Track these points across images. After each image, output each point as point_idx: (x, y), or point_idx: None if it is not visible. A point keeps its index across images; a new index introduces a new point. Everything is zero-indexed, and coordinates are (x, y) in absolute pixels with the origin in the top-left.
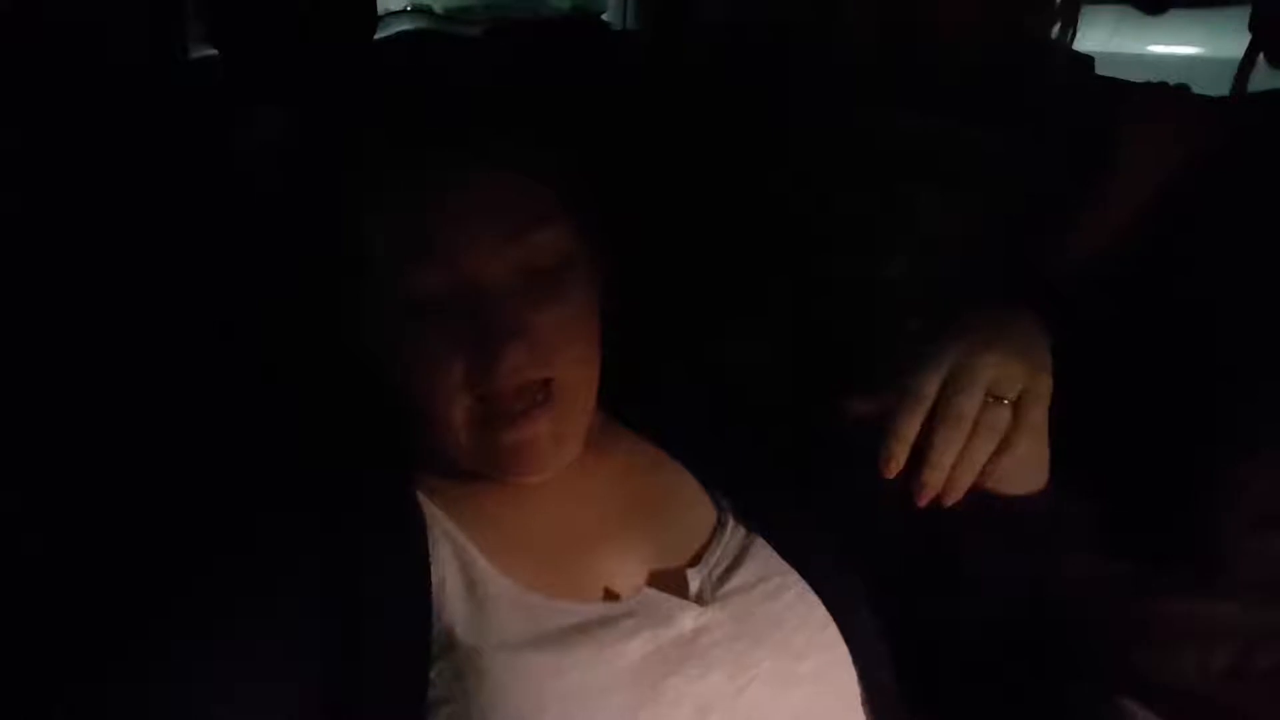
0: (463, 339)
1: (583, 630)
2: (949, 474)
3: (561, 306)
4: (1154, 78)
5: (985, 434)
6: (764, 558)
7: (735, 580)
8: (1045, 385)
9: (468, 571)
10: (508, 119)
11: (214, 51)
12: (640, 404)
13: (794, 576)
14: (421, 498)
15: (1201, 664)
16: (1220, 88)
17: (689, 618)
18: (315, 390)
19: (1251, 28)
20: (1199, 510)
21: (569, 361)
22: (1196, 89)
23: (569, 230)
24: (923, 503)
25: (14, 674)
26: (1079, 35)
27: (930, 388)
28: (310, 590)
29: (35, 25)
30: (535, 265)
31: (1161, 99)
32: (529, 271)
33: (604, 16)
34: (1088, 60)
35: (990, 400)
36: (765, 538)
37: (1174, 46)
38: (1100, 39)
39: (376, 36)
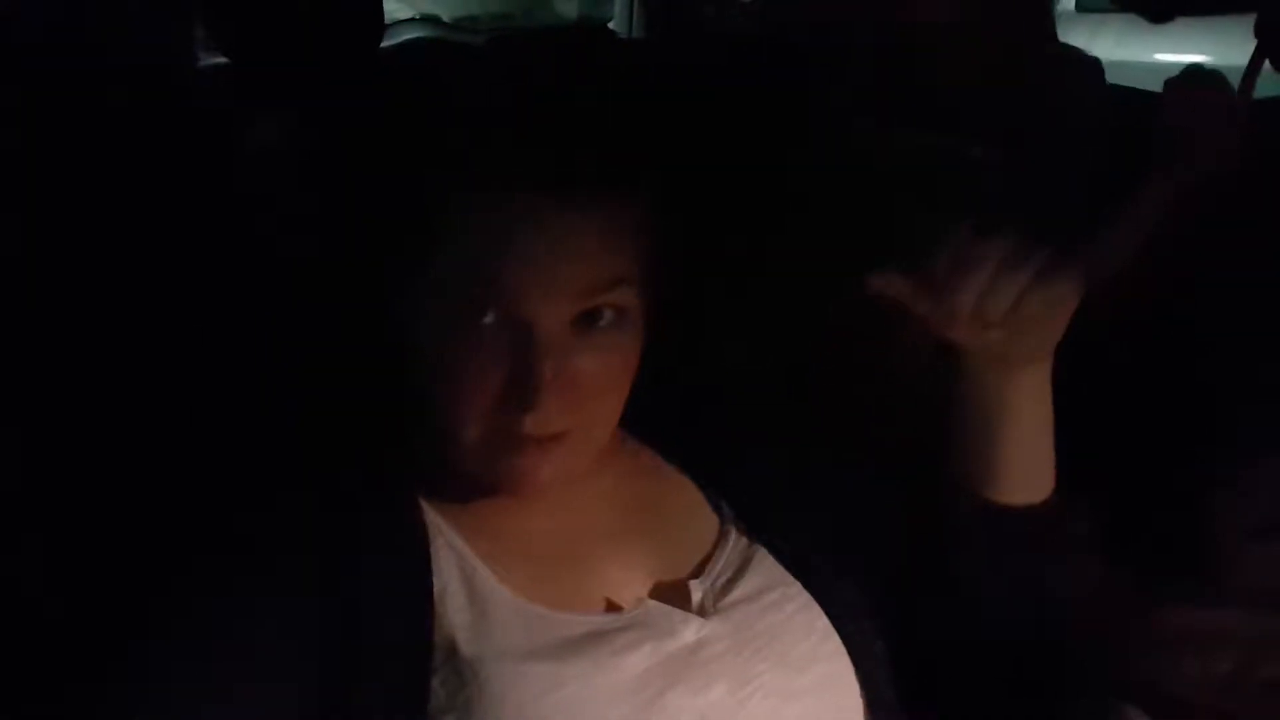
0: (502, 374)
1: (584, 642)
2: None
3: (607, 361)
4: (1160, 86)
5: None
6: (766, 568)
7: (737, 591)
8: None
9: (469, 580)
10: (626, 156)
11: (223, 59)
12: (643, 412)
13: (796, 587)
14: (424, 505)
15: (1204, 671)
16: None
17: (691, 630)
18: (321, 394)
19: (1257, 34)
20: (1201, 519)
21: (596, 413)
22: None
23: (635, 287)
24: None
25: (14, 674)
26: (1086, 44)
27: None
28: (309, 593)
29: (44, 33)
30: (594, 321)
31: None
32: (586, 326)
33: (609, 25)
34: (1096, 64)
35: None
36: (767, 548)
37: (1181, 54)
38: (1106, 47)
39: (384, 45)
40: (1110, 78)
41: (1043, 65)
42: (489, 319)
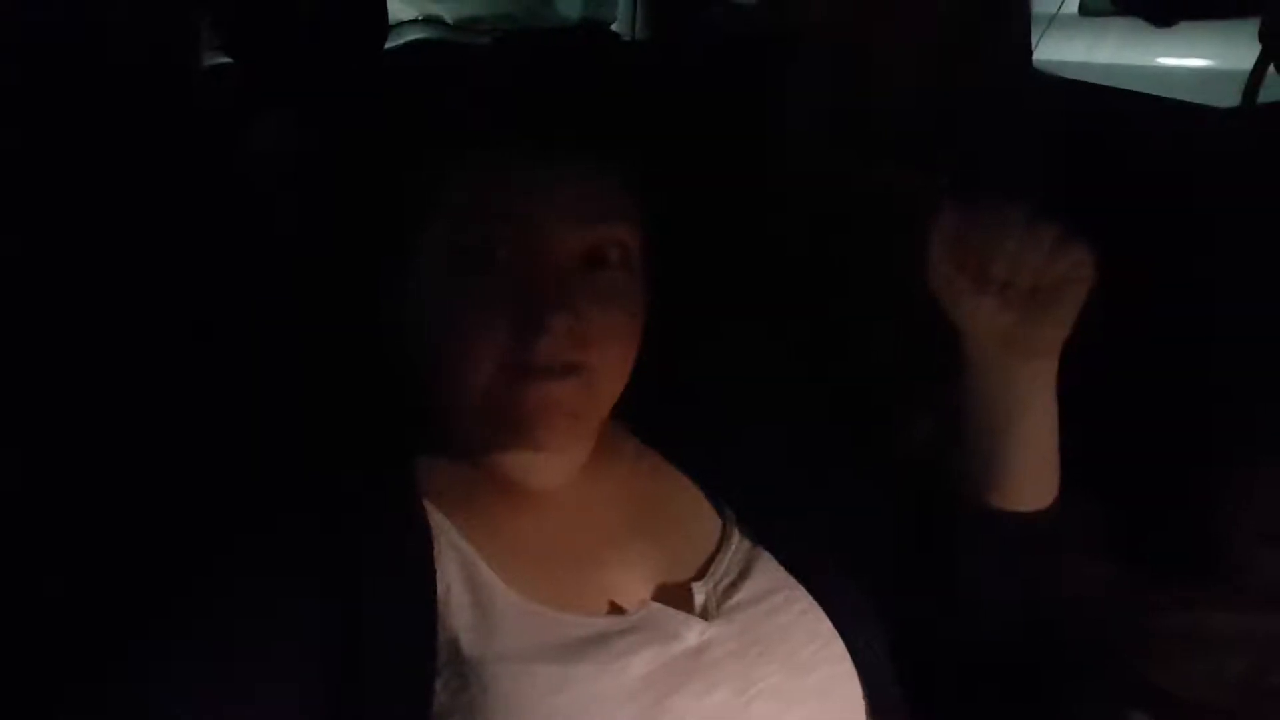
0: (515, 303)
1: (587, 644)
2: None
3: (615, 301)
4: (1164, 90)
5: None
6: (769, 571)
7: (741, 594)
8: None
9: (473, 581)
10: (608, 122)
11: (227, 59)
12: (647, 412)
13: (799, 590)
14: (428, 506)
15: (1213, 675)
16: (1231, 99)
17: (694, 632)
18: (325, 394)
19: (1261, 38)
20: (1214, 521)
21: (606, 355)
22: (1207, 101)
23: (639, 234)
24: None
25: (15, 674)
26: (1090, 48)
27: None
28: (312, 594)
29: (46, 32)
30: (602, 255)
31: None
32: (595, 259)
33: (613, 27)
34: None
35: None
36: (770, 550)
37: (1184, 59)
38: (1109, 51)
39: (388, 45)
40: (1113, 81)
41: (1012, 90)
42: (501, 254)
